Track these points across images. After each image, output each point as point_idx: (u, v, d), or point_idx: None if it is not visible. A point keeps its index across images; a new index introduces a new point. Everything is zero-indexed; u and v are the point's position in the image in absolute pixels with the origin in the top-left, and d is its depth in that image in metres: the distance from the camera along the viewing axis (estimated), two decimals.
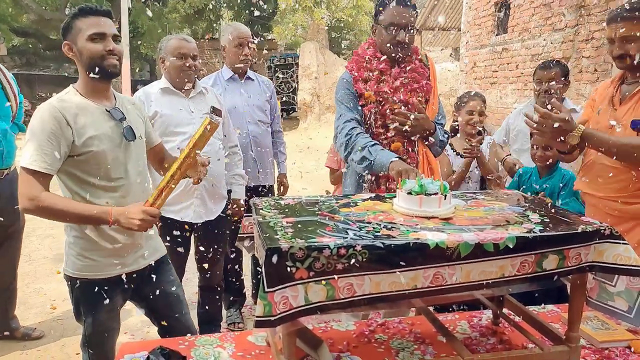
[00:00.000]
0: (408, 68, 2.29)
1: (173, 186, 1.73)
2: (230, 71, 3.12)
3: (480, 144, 2.80)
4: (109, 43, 1.74)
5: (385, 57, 2.27)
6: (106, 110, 1.80)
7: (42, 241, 4.88)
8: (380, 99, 2.24)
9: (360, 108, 2.28)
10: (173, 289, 2.01)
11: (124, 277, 1.85)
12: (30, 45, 20.82)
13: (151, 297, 1.95)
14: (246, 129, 3.07)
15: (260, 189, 3.21)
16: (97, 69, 1.73)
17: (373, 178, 2.25)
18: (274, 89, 3.33)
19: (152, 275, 1.94)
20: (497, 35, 8.66)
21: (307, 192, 5.56)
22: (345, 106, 2.28)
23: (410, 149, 2.28)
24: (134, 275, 1.90)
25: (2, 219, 2.74)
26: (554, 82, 2.87)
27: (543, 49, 7.03)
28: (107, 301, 1.82)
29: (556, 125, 1.87)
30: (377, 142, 2.20)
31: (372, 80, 2.25)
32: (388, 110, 2.24)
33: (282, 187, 3.41)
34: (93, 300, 1.82)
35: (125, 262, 1.86)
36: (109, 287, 1.83)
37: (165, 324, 1.99)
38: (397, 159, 2.06)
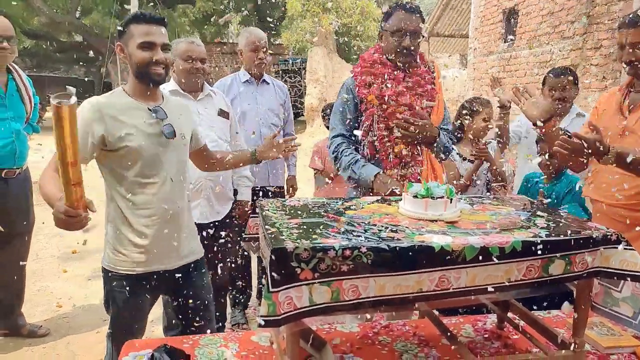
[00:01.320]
0: (413, 72, 2.30)
1: (76, 182, 1.47)
2: (247, 74, 3.20)
3: (486, 145, 2.81)
4: (157, 53, 1.81)
5: (389, 62, 2.29)
6: (148, 108, 1.85)
7: (49, 240, 4.92)
8: (384, 103, 2.26)
9: (355, 116, 2.31)
10: (203, 294, 2.02)
11: (154, 275, 1.87)
12: (42, 47, 21.04)
13: (181, 299, 1.97)
14: (258, 131, 3.13)
15: (269, 191, 3.24)
16: (143, 76, 1.82)
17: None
18: (288, 93, 3.41)
19: (186, 277, 1.95)
20: (505, 42, 8.66)
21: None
22: (339, 118, 2.34)
23: (414, 152, 2.28)
24: (167, 275, 1.91)
25: (12, 217, 2.77)
26: (566, 89, 2.86)
27: (551, 57, 7.02)
28: (134, 297, 1.86)
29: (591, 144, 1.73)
30: (358, 157, 2.25)
31: (376, 84, 2.27)
32: (396, 115, 2.25)
33: (291, 189, 3.47)
34: (121, 294, 1.86)
35: (157, 260, 1.87)
36: (138, 284, 1.86)
37: (188, 329, 1.99)
38: (379, 172, 2.09)
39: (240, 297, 3.33)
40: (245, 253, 3.14)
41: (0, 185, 2.69)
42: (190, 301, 1.98)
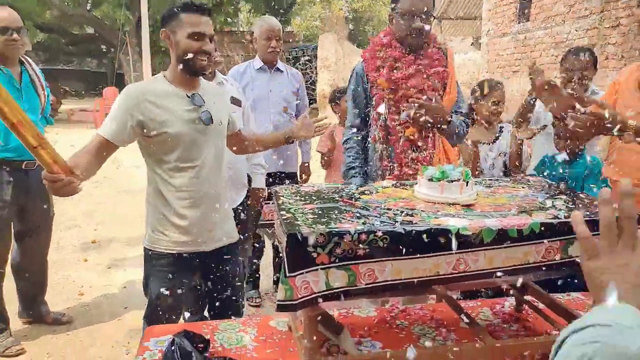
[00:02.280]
0: (423, 55, 2.28)
1: (36, 144, 1.44)
2: (260, 62, 3.23)
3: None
4: (206, 44, 1.85)
5: (399, 44, 2.27)
6: (187, 95, 1.88)
7: (69, 230, 5.00)
8: (394, 86, 2.25)
9: (365, 104, 2.34)
10: (234, 280, 2.06)
11: (192, 255, 1.92)
12: (54, 41, 21.22)
13: (212, 282, 2.02)
14: (270, 118, 3.15)
15: (283, 176, 3.29)
16: (187, 65, 1.85)
17: (386, 165, 2.29)
18: (302, 80, 3.41)
19: (220, 261, 2.00)
20: (519, 23, 8.50)
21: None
22: (351, 104, 2.39)
23: (425, 135, 2.27)
24: (203, 257, 1.96)
25: (34, 209, 2.82)
26: (585, 70, 2.80)
27: (567, 37, 6.88)
28: (171, 276, 1.91)
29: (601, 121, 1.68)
30: (356, 167, 2.35)
31: (385, 67, 2.26)
32: (407, 99, 2.24)
33: (304, 175, 3.51)
34: (159, 273, 1.92)
35: (195, 241, 1.92)
36: (176, 264, 1.91)
37: (216, 312, 2.05)
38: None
39: (255, 274, 3.42)
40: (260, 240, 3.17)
41: (21, 177, 2.73)
42: (220, 285, 2.02)
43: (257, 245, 3.30)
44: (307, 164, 3.55)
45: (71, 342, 2.89)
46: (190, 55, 1.83)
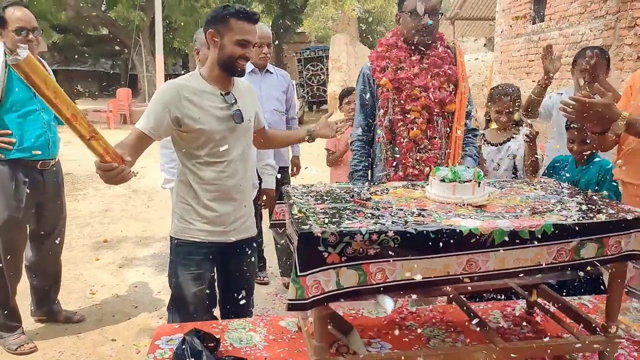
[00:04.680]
0: (430, 54, 2.27)
1: (89, 135, 1.49)
2: (252, 65, 3.42)
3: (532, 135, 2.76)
4: (250, 51, 1.94)
5: (406, 44, 2.27)
6: (221, 94, 1.95)
7: (81, 229, 5.05)
8: (398, 86, 2.24)
9: (372, 105, 2.34)
10: (247, 273, 2.14)
11: (215, 245, 1.99)
12: (69, 42, 21.46)
13: (229, 273, 2.10)
14: (263, 117, 3.25)
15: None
16: (228, 67, 1.92)
17: (391, 166, 2.31)
18: (290, 81, 3.67)
19: (238, 252, 2.07)
20: (533, 23, 8.42)
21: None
22: (359, 109, 2.40)
23: (432, 136, 2.26)
24: (224, 247, 2.02)
25: (49, 209, 2.86)
26: (597, 70, 2.77)
27: (582, 37, 6.80)
28: (194, 264, 1.99)
29: (599, 110, 1.71)
30: (361, 170, 2.38)
31: (390, 67, 2.25)
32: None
33: (295, 168, 3.79)
34: (183, 260, 2.00)
35: (220, 232, 1.99)
36: (199, 252, 1.98)
37: (229, 305, 2.13)
38: None
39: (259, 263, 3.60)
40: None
41: (37, 177, 2.76)
42: (236, 273, 2.10)
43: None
44: (297, 158, 3.80)
45: (82, 341, 2.91)
46: (234, 59, 1.90)
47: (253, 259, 2.15)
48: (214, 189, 1.96)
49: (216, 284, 2.14)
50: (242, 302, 2.08)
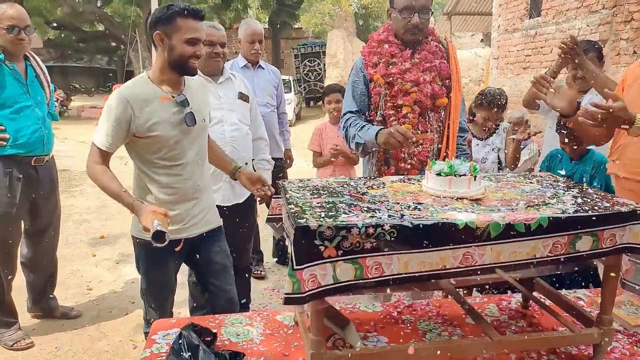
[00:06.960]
0: (421, 50, 2.27)
1: None
2: (244, 60, 3.56)
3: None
4: (200, 48, 1.91)
5: (397, 40, 2.26)
6: (172, 96, 1.94)
7: (78, 226, 5.04)
8: (390, 81, 2.24)
9: (365, 95, 2.31)
10: (219, 259, 2.15)
11: (176, 241, 1.98)
12: (65, 38, 21.33)
13: (200, 263, 2.13)
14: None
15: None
16: (180, 67, 1.90)
17: (382, 161, 2.30)
18: (280, 76, 3.83)
19: (202, 244, 2.11)
20: (530, 18, 8.42)
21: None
22: (349, 97, 2.36)
23: (423, 130, 2.26)
24: (186, 242, 2.04)
25: (44, 205, 2.85)
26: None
27: (579, 32, 6.80)
28: (158, 260, 2.03)
29: (619, 114, 1.73)
30: (365, 124, 2.25)
31: (382, 63, 2.25)
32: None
33: (288, 160, 3.92)
34: (147, 258, 2.06)
35: (178, 230, 2.00)
36: (161, 249, 1.94)
37: (209, 292, 2.16)
38: (381, 129, 2.13)
39: (255, 256, 3.73)
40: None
41: (31, 174, 2.75)
42: (207, 263, 2.13)
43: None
44: (289, 150, 3.93)
45: (79, 336, 2.92)
46: (185, 59, 1.87)
47: (222, 244, 2.18)
48: (171, 192, 1.98)
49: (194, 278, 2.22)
50: (220, 284, 2.13)
